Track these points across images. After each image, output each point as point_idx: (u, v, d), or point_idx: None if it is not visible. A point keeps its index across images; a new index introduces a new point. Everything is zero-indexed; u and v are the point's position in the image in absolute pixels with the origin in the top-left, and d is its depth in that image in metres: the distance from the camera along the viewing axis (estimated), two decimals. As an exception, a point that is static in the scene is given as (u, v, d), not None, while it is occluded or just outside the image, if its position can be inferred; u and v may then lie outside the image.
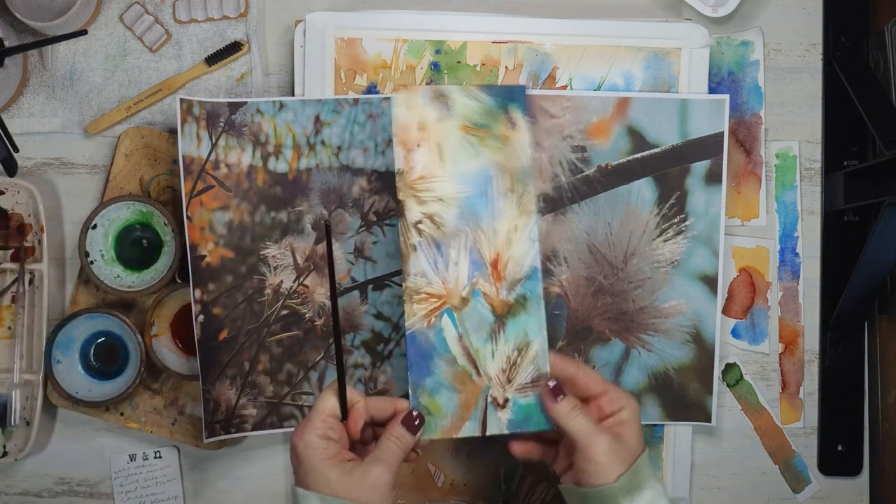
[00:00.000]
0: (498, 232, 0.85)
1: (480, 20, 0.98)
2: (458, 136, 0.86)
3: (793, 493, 1.01)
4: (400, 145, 0.85)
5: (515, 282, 0.85)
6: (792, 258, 1.01)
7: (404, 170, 0.85)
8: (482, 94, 0.87)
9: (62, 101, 1.01)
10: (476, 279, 0.85)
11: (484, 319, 0.85)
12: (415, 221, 0.85)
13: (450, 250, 0.85)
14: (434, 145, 0.85)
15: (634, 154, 0.97)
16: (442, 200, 0.85)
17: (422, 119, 0.86)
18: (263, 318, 0.96)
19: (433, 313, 0.85)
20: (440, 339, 0.84)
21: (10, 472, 1.01)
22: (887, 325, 0.99)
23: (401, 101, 0.86)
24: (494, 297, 0.85)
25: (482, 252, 0.85)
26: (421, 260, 0.84)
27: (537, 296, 0.85)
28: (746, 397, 1.01)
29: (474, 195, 0.86)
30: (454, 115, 0.86)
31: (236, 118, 0.95)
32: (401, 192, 0.85)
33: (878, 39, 0.97)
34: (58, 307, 1.00)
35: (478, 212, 0.86)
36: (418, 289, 0.84)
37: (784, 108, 1.02)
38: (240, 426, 0.96)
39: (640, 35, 0.97)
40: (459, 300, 0.85)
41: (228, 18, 1.00)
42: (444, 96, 0.86)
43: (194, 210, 0.94)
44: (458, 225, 0.85)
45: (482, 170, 0.86)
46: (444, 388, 0.84)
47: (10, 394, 0.98)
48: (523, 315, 0.85)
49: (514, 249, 0.86)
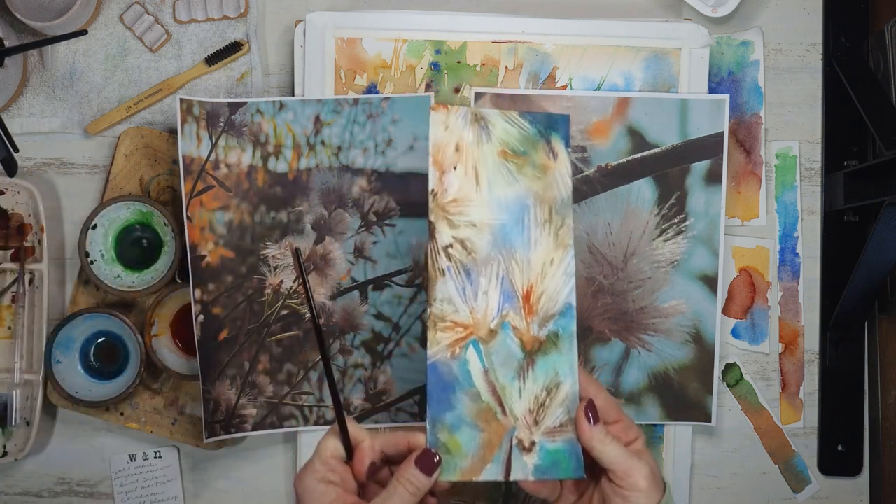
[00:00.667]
0: (532, 263, 0.80)
1: (480, 20, 0.98)
2: (495, 161, 0.81)
3: (793, 493, 1.01)
4: (434, 165, 0.80)
5: (548, 317, 0.80)
6: (792, 258, 1.01)
7: (437, 191, 0.80)
8: (523, 121, 0.82)
9: (62, 101, 1.01)
10: (506, 311, 0.79)
11: (512, 355, 0.79)
12: (445, 245, 0.79)
13: (480, 278, 0.79)
14: (470, 168, 0.81)
15: (634, 154, 0.97)
16: (475, 226, 0.80)
17: (459, 140, 0.81)
18: (263, 318, 0.96)
19: (458, 343, 0.79)
20: (464, 371, 0.78)
21: (10, 472, 1.01)
22: (887, 325, 0.99)
23: (439, 121, 0.80)
24: (525, 332, 0.80)
25: (514, 283, 0.80)
26: (449, 286, 0.79)
27: (570, 334, 0.80)
28: (746, 397, 1.01)
29: (509, 223, 0.80)
30: (493, 140, 0.81)
31: (236, 118, 0.95)
32: (432, 213, 0.79)
33: (878, 39, 0.97)
34: (58, 307, 1.00)
35: (512, 241, 0.80)
36: (444, 316, 0.78)
37: (784, 108, 1.02)
38: (240, 426, 0.96)
39: (640, 35, 0.97)
40: (487, 332, 0.79)
41: (228, 18, 1.00)
42: (484, 119, 0.81)
43: (194, 210, 0.94)
44: (490, 252, 0.80)
45: (519, 198, 0.81)
46: (465, 424, 0.78)
47: (10, 394, 0.98)
48: (554, 354, 0.80)
49: (549, 283, 0.81)
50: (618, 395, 0.97)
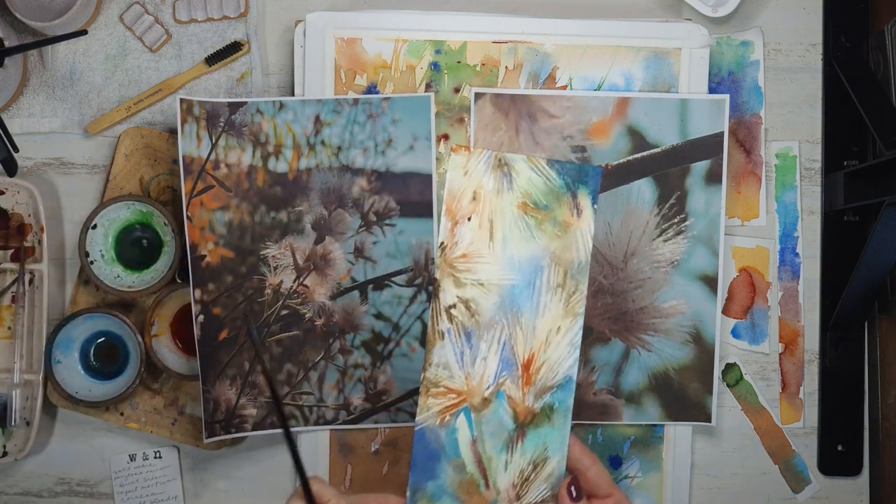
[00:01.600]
0: (537, 330, 0.76)
1: (480, 20, 0.98)
2: (514, 214, 0.76)
3: (793, 493, 1.01)
4: (447, 215, 0.75)
5: (545, 389, 0.76)
6: (792, 258, 1.01)
7: (447, 244, 0.75)
8: (550, 171, 0.77)
9: (62, 101, 1.01)
10: (503, 379, 0.76)
11: (503, 425, 0.76)
12: (448, 305, 0.75)
13: (481, 343, 0.76)
14: (486, 220, 0.76)
15: (634, 154, 0.97)
16: (482, 285, 0.76)
17: (478, 188, 0.76)
18: (263, 318, 0.96)
19: (449, 410, 0.75)
20: (452, 440, 0.75)
21: (10, 472, 1.01)
22: (887, 325, 0.99)
23: (458, 164, 0.76)
24: (519, 403, 0.76)
25: (515, 350, 0.76)
26: (447, 350, 0.75)
27: (566, 408, 0.76)
28: (746, 397, 1.01)
29: (520, 285, 0.76)
30: (514, 190, 0.76)
31: (236, 118, 0.95)
32: (438, 269, 0.75)
33: (878, 39, 0.97)
34: (58, 307, 1.00)
35: (520, 304, 0.76)
36: (438, 381, 0.75)
37: (784, 108, 1.02)
38: (240, 426, 0.96)
39: (640, 35, 0.97)
40: (481, 400, 0.76)
41: (228, 18, 1.00)
42: (508, 165, 0.76)
43: (194, 210, 0.94)
44: (495, 316, 0.76)
45: (534, 257, 0.76)
46: (446, 495, 0.75)
47: (10, 394, 0.98)
48: (546, 427, 0.76)
49: (552, 353, 0.76)
50: (618, 396, 0.97)
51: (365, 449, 0.98)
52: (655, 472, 0.99)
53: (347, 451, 0.98)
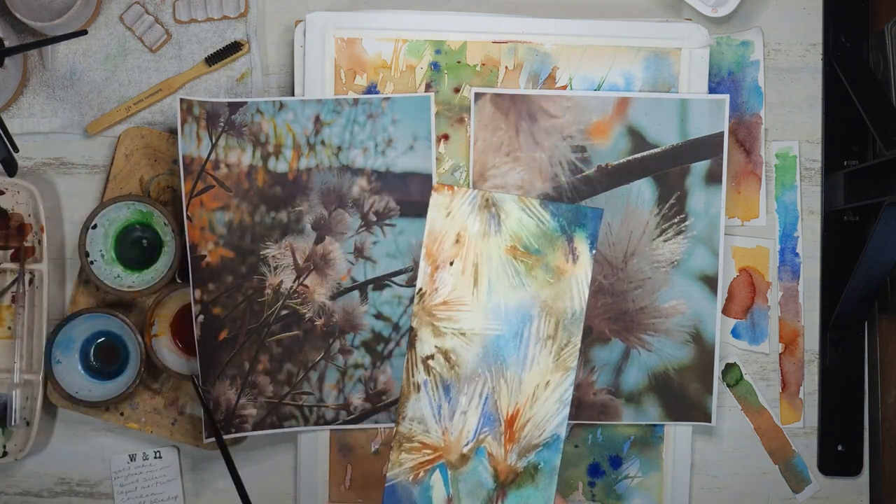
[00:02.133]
0: (524, 384, 0.72)
1: (480, 20, 0.98)
2: (502, 257, 0.72)
3: (793, 493, 1.01)
4: (427, 259, 0.72)
5: (530, 448, 0.72)
6: (792, 258, 1.01)
7: (426, 291, 0.72)
8: (543, 213, 0.73)
9: (62, 101, 1.01)
10: (485, 436, 0.72)
11: (482, 484, 0.72)
12: (425, 356, 0.72)
13: (461, 396, 0.71)
14: (470, 265, 0.72)
15: (634, 154, 0.97)
16: (464, 335, 0.72)
17: (462, 230, 0.72)
18: (263, 318, 0.96)
19: (423, 467, 0.72)
20: (425, 497, 0.72)
21: (10, 472, 1.01)
22: (887, 325, 0.99)
23: (440, 205, 0.73)
24: (501, 461, 0.72)
25: (499, 405, 0.72)
26: (422, 403, 0.72)
27: (552, 469, 0.72)
28: (746, 397, 1.01)
29: (506, 335, 0.72)
30: (503, 232, 0.72)
31: (236, 118, 0.95)
32: (416, 317, 0.72)
33: (878, 39, 0.97)
34: (58, 307, 1.00)
35: (505, 356, 0.72)
36: (412, 436, 0.72)
37: (784, 108, 1.02)
38: (240, 426, 0.96)
39: (640, 35, 0.97)
40: (459, 457, 0.72)
41: (228, 18, 1.00)
42: (496, 206, 0.72)
43: (194, 210, 0.94)
44: (477, 368, 0.71)
45: (522, 306, 0.72)
46: None
47: (10, 394, 0.98)
48: (529, 488, 0.72)
49: (539, 409, 0.72)
50: (618, 395, 0.97)
51: (365, 449, 0.98)
52: (655, 472, 0.99)
53: (347, 451, 0.98)
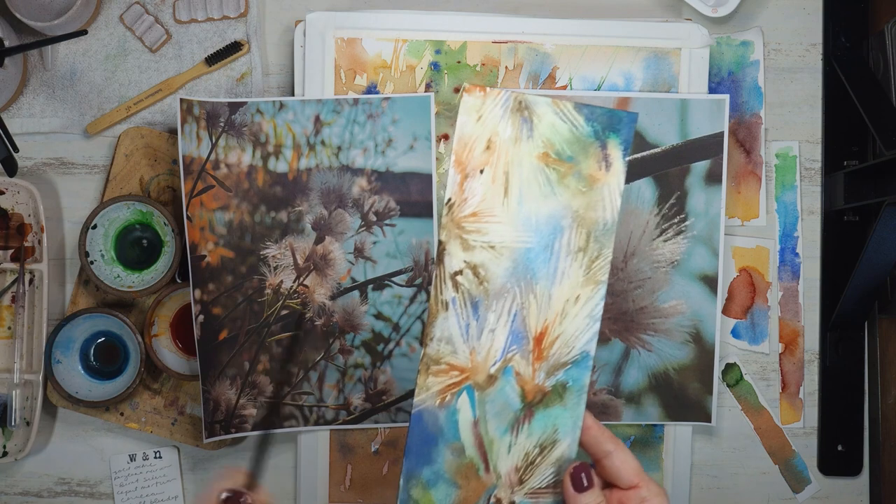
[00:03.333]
0: (553, 300, 0.68)
1: (480, 20, 0.98)
2: (534, 165, 0.67)
3: (793, 493, 1.01)
4: (456, 166, 0.66)
5: (559, 365, 0.68)
6: (792, 258, 1.01)
7: (455, 201, 0.67)
8: (578, 116, 0.68)
9: (62, 101, 1.01)
10: (512, 354, 0.68)
11: (509, 405, 0.69)
12: (454, 271, 0.67)
13: (489, 313, 0.68)
14: (500, 173, 0.67)
15: (634, 154, 0.97)
16: (493, 248, 0.67)
17: (493, 135, 0.67)
18: (263, 318, 0.96)
19: (450, 390, 0.68)
20: (451, 422, 0.68)
21: (10, 472, 1.01)
22: (887, 325, 0.99)
23: (471, 108, 0.66)
24: (528, 380, 0.69)
25: (527, 322, 0.68)
26: (450, 322, 0.68)
27: (581, 387, 0.68)
28: (746, 397, 1.01)
29: (536, 248, 0.68)
30: (535, 138, 0.67)
31: (236, 118, 0.95)
32: (444, 230, 0.67)
33: (878, 39, 0.97)
34: (58, 307, 1.00)
35: (535, 270, 0.68)
36: (440, 358, 0.68)
37: (784, 108, 1.02)
38: (240, 426, 0.96)
39: (640, 35, 0.97)
40: (486, 378, 0.68)
41: (228, 18, 1.01)
42: (529, 109, 0.67)
43: (194, 210, 0.94)
44: (506, 283, 0.67)
45: (553, 216, 0.68)
46: (443, 481, 0.69)
47: (10, 394, 0.98)
48: (558, 407, 0.69)
49: (568, 325, 0.68)
50: (618, 396, 0.97)
51: (365, 449, 0.98)
52: (655, 472, 0.99)
53: (347, 451, 0.98)
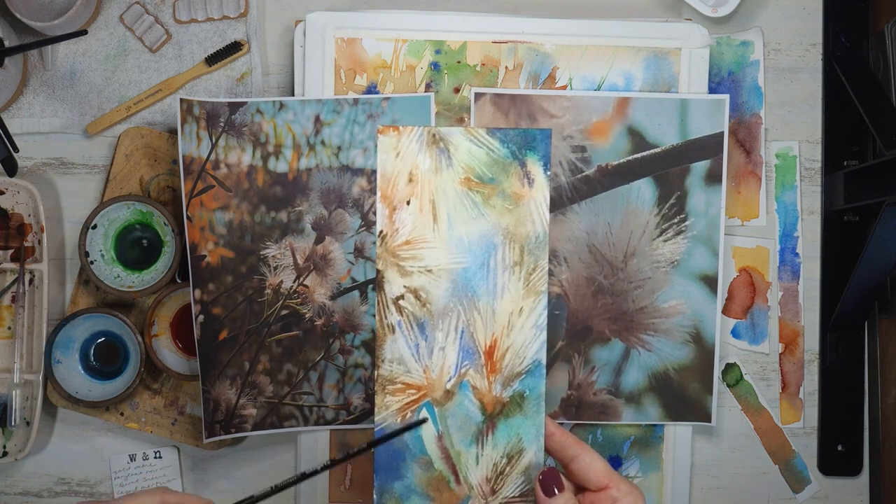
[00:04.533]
0: (497, 314, 0.71)
1: (480, 20, 0.98)
2: (457, 191, 0.71)
3: (793, 493, 1.01)
4: (383, 201, 0.71)
5: (513, 376, 0.71)
6: (792, 258, 1.01)
7: (387, 232, 0.71)
8: (492, 140, 0.72)
9: (62, 101, 1.01)
10: (466, 369, 0.71)
11: (471, 418, 0.71)
12: (395, 296, 0.71)
13: (436, 333, 0.71)
14: (426, 202, 0.71)
15: (634, 154, 0.97)
16: (431, 272, 0.71)
17: (413, 168, 0.71)
18: (263, 318, 0.96)
19: (410, 407, 0.71)
20: (415, 437, 0.71)
21: (10, 472, 1.01)
22: (887, 325, 0.99)
23: (388, 146, 0.71)
24: (486, 393, 0.71)
25: (476, 337, 0.71)
26: (399, 344, 0.71)
27: (538, 395, 0.71)
28: (746, 397, 1.01)
29: (472, 267, 0.71)
30: (454, 166, 0.71)
31: (236, 118, 0.95)
32: (380, 259, 0.71)
33: (878, 39, 0.97)
34: (58, 307, 1.00)
35: (475, 287, 0.71)
36: (394, 378, 0.71)
37: (784, 108, 1.02)
38: (240, 426, 0.96)
39: (640, 35, 0.97)
40: (443, 393, 0.71)
41: (228, 18, 1.01)
42: (444, 140, 0.71)
43: (194, 210, 0.94)
44: (448, 302, 0.71)
45: (484, 236, 0.71)
46: (415, 494, 0.72)
47: (10, 394, 0.98)
48: (518, 417, 0.71)
49: (516, 337, 0.71)
50: (618, 396, 0.97)
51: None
52: (655, 472, 0.99)
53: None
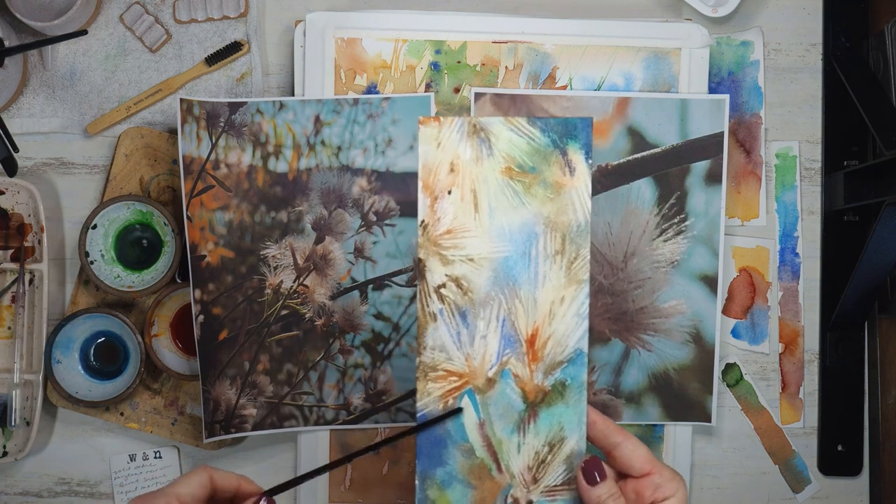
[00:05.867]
0: (539, 303, 0.71)
1: (480, 20, 0.98)
2: (498, 180, 0.71)
3: (793, 493, 1.01)
4: (425, 191, 0.70)
5: (555, 365, 0.72)
6: (792, 258, 1.01)
7: (428, 222, 0.70)
8: (533, 130, 0.71)
9: (62, 101, 1.01)
10: (507, 358, 0.71)
11: (512, 406, 0.72)
12: (437, 285, 0.71)
13: (477, 321, 0.71)
14: (468, 192, 0.71)
15: (634, 154, 0.97)
16: (472, 261, 0.71)
17: (454, 158, 0.71)
18: (263, 318, 0.96)
19: (452, 394, 0.71)
20: (457, 424, 0.72)
21: (10, 472, 1.01)
22: (887, 325, 0.99)
23: (430, 137, 0.70)
24: (527, 381, 0.72)
25: (517, 326, 0.71)
26: (441, 331, 0.71)
27: (580, 384, 0.72)
28: (746, 397, 1.01)
29: (513, 256, 0.71)
30: (495, 155, 0.71)
31: (236, 118, 0.95)
32: (422, 248, 0.71)
33: (878, 39, 0.97)
34: (58, 307, 1.00)
35: (516, 276, 0.71)
36: (435, 365, 0.71)
37: (784, 108, 1.02)
38: (240, 426, 0.96)
39: (640, 35, 0.97)
40: (485, 381, 0.71)
41: (228, 18, 1.00)
42: (484, 130, 0.71)
43: (194, 210, 0.94)
44: (490, 291, 0.71)
45: (526, 225, 0.71)
46: (457, 481, 0.71)
47: (10, 394, 0.98)
48: (560, 405, 0.72)
49: (557, 326, 0.72)
50: (618, 396, 0.97)
51: (365, 449, 0.98)
52: (655, 472, 0.99)
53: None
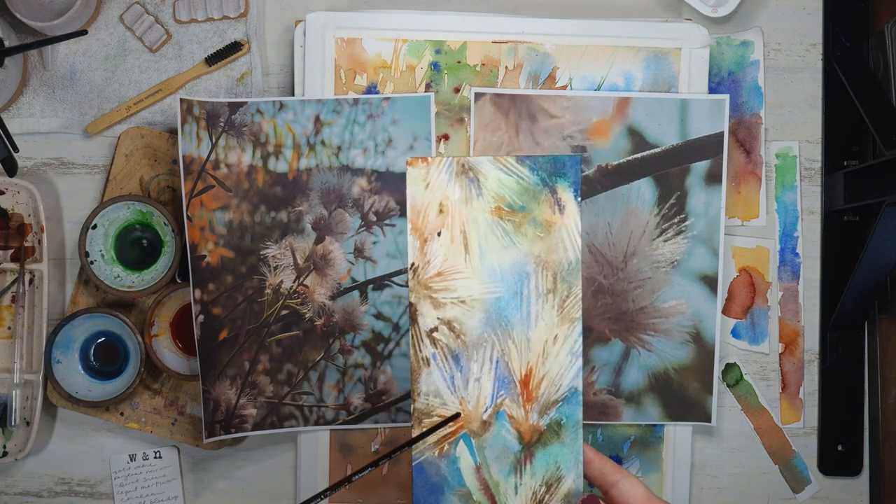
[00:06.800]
0: (532, 343, 0.71)
1: (480, 20, 0.98)
2: (488, 220, 0.71)
3: (793, 493, 1.01)
4: (414, 233, 0.71)
5: (549, 404, 0.71)
6: (792, 258, 1.01)
7: (418, 265, 0.71)
8: (522, 168, 0.71)
9: (62, 101, 1.01)
10: (502, 399, 0.71)
11: (508, 448, 0.71)
12: (429, 329, 0.71)
13: (471, 363, 0.71)
14: (458, 233, 0.71)
15: (634, 154, 0.97)
16: (464, 303, 0.71)
17: (443, 199, 0.71)
18: (263, 318, 0.96)
19: (447, 440, 0.71)
20: (454, 470, 0.71)
21: (10, 472, 1.01)
22: (887, 325, 0.99)
23: (417, 178, 0.71)
24: (523, 422, 0.71)
25: (511, 367, 0.71)
26: (434, 376, 0.71)
27: (575, 422, 0.71)
28: (746, 397, 1.01)
29: (505, 296, 0.71)
30: (485, 195, 0.71)
31: (236, 118, 0.95)
32: (413, 292, 0.71)
33: (878, 39, 0.97)
34: (58, 307, 1.00)
35: (508, 317, 0.71)
36: (430, 411, 0.70)
37: (784, 108, 1.02)
38: (240, 426, 0.96)
39: (640, 35, 0.97)
40: (480, 424, 0.71)
41: (228, 18, 1.01)
42: (473, 170, 0.71)
43: (194, 210, 0.94)
44: (482, 333, 0.71)
45: (517, 264, 0.71)
46: None
47: (10, 394, 0.98)
48: (556, 444, 0.71)
49: (551, 365, 0.71)
50: (618, 396, 0.97)
51: (365, 449, 0.98)
52: (655, 472, 0.99)
53: (347, 451, 0.98)
